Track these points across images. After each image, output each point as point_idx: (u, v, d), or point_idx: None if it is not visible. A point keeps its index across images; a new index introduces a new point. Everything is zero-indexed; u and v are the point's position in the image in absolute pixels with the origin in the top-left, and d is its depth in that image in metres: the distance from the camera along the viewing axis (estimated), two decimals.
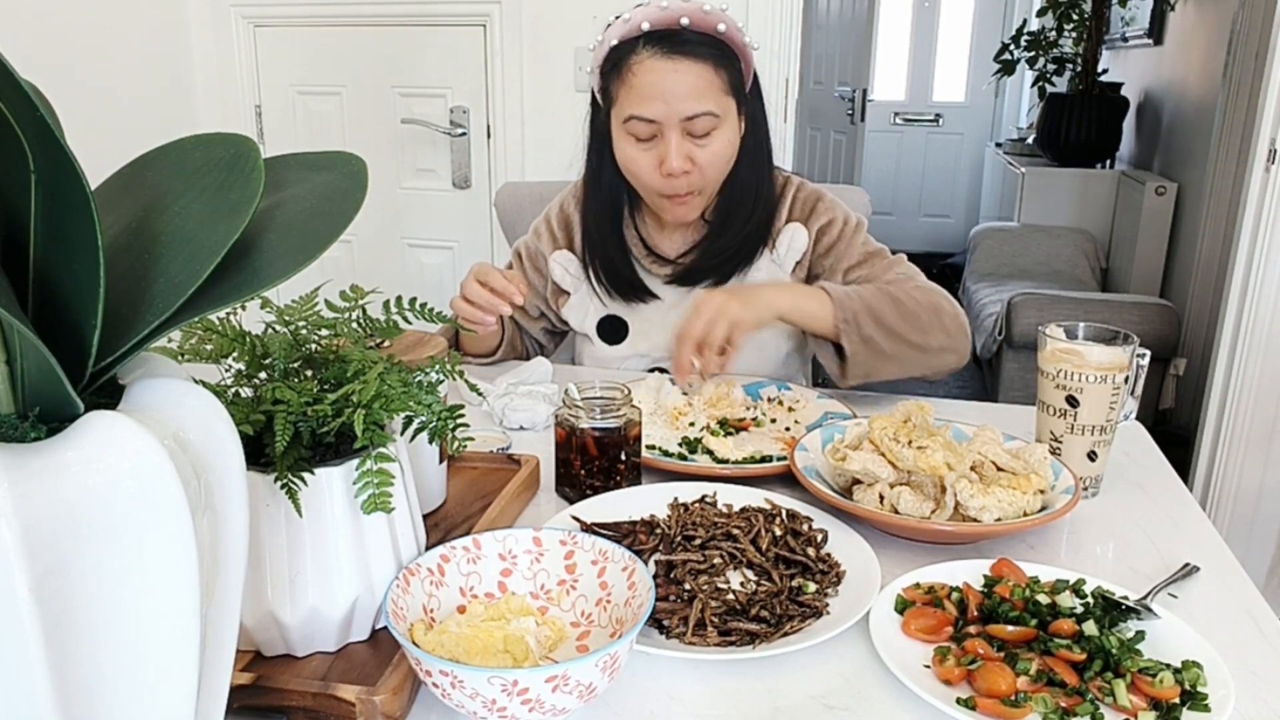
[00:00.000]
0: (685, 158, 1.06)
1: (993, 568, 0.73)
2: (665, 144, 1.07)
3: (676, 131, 1.06)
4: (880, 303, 1.06)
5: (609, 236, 1.19)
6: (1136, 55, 3.94)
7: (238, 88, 2.40)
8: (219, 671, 0.44)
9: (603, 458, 0.84)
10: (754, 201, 1.15)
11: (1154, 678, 0.60)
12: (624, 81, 1.07)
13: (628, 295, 1.20)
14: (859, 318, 1.04)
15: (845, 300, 1.05)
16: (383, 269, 2.48)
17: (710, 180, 1.11)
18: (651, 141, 1.08)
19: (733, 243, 1.16)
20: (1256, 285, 1.91)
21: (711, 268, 1.18)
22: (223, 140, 0.47)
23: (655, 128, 1.06)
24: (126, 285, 0.42)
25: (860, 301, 1.05)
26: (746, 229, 1.16)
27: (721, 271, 1.18)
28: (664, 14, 1.05)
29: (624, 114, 1.07)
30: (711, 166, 1.09)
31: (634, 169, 1.10)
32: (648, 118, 1.05)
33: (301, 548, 0.57)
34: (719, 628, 0.65)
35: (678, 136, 1.06)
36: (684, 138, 1.06)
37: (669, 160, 1.06)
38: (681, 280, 1.19)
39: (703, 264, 1.18)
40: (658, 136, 1.07)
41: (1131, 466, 0.98)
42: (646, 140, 1.08)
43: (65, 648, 0.34)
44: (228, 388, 0.60)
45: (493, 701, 0.52)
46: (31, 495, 0.33)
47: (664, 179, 1.08)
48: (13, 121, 0.35)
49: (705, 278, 1.19)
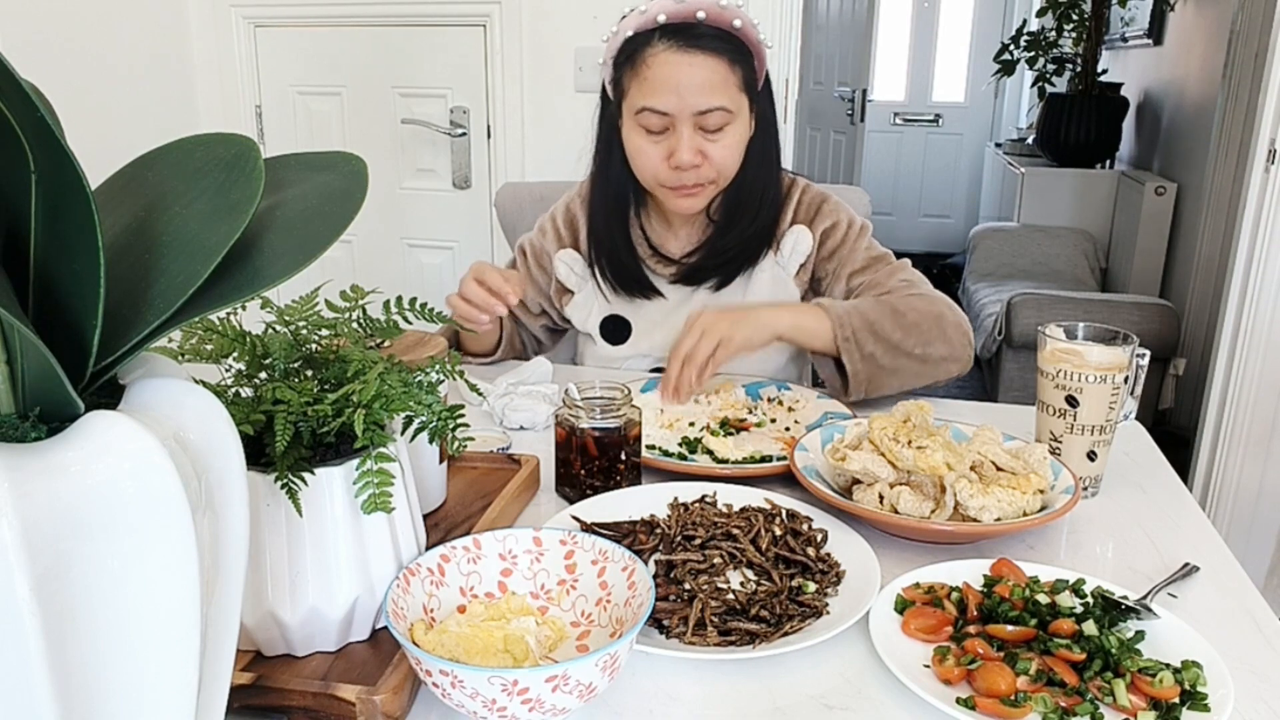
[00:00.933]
0: (695, 151, 1.06)
1: (992, 568, 0.73)
2: (676, 137, 1.06)
3: (688, 125, 1.05)
4: (881, 316, 1.05)
5: (615, 232, 1.18)
6: (1136, 55, 3.94)
7: (238, 88, 2.39)
8: (219, 671, 0.44)
9: (603, 457, 0.84)
10: (760, 202, 1.15)
11: (1154, 677, 0.60)
12: (637, 73, 1.06)
13: (632, 292, 1.20)
14: (859, 335, 1.03)
15: (845, 317, 1.04)
16: (383, 269, 2.48)
17: (721, 174, 1.10)
18: (662, 134, 1.07)
19: (736, 242, 1.16)
20: (1256, 285, 1.91)
21: (715, 267, 1.17)
22: (223, 140, 0.47)
23: (667, 120, 1.05)
24: (127, 285, 0.42)
25: (860, 317, 1.04)
26: (752, 229, 1.15)
27: (725, 271, 1.18)
28: (681, 7, 1.04)
29: (636, 105, 1.06)
30: (723, 161, 1.08)
31: (641, 161, 1.10)
32: (660, 110, 1.05)
33: (302, 548, 0.57)
34: (719, 627, 0.65)
35: (689, 130, 1.05)
36: (695, 132, 1.06)
37: (679, 153, 1.05)
38: (686, 279, 1.19)
39: (707, 263, 1.17)
40: (669, 129, 1.06)
41: (1131, 466, 0.98)
42: (657, 133, 1.07)
43: (65, 648, 0.34)
44: (228, 388, 0.60)
45: (493, 701, 0.52)
46: (32, 495, 0.33)
47: (671, 171, 1.08)
48: (13, 122, 0.35)
49: (709, 277, 1.18)
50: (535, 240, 1.27)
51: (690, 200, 1.12)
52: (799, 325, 1.05)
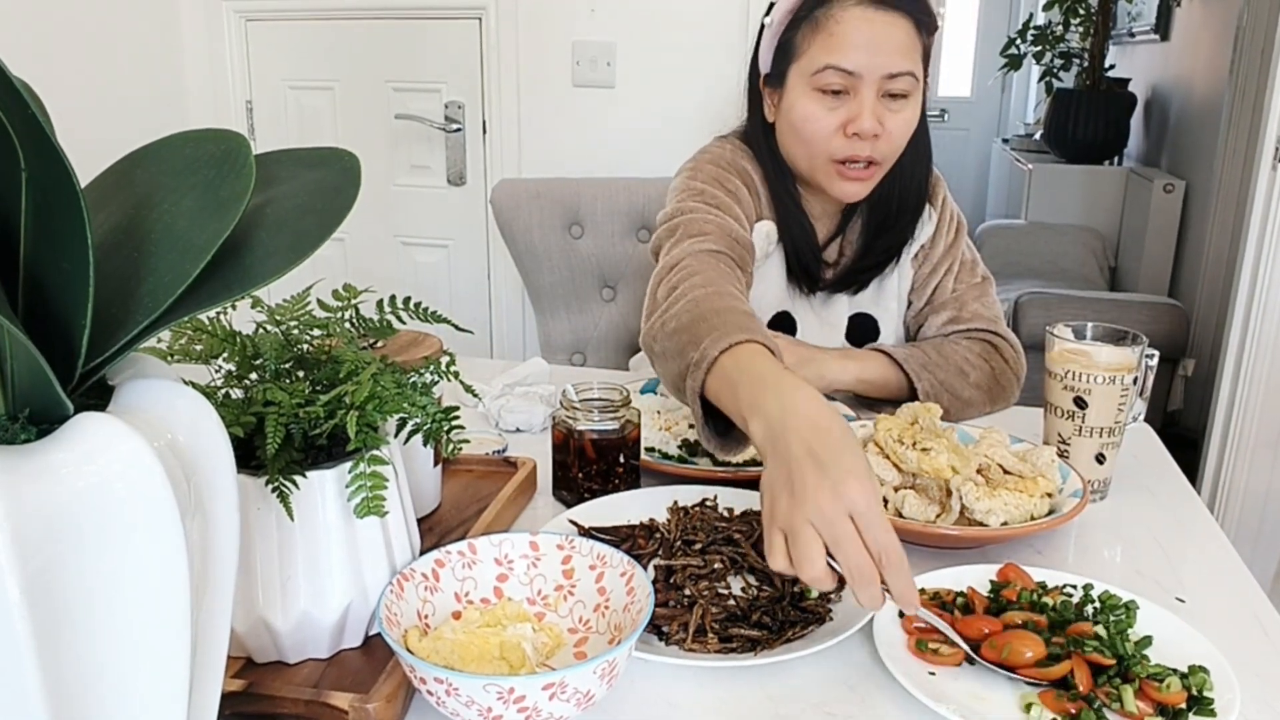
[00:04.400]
0: (877, 119, 0.96)
1: (999, 572, 0.72)
2: (858, 101, 0.96)
3: (873, 89, 0.96)
4: (949, 375, 1.00)
5: (803, 222, 1.06)
6: (1143, 51, 3.92)
7: (229, 83, 2.38)
8: (210, 678, 0.43)
9: (601, 460, 0.83)
10: (919, 194, 1.07)
11: (1161, 683, 0.59)
12: (822, 29, 0.96)
13: (807, 285, 1.08)
14: (935, 391, 0.99)
15: (920, 371, 0.99)
16: (376, 267, 2.47)
17: (893, 153, 1.00)
18: (839, 98, 0.97)
19: (896, 242, 1.07)
20: (1264, 285, 1.90)
21: (869, 268, 1.07)
22: (213, 136, 0.46)
23: (851, 81, 0.95)
24: (116, 284, 0.42)
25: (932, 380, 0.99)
26: (909, 229, 1.07)
27: (879, 271, 1.08)
28: None
29: (816, 64, 0.96)
30: (900, 137, 0.99)
31: (812, 129, 0.98)
32: (847, 69, 0.95)
33: (293, 552, 0.57)
34: (719, 634, 0.65)
35: (873, 95, 0.96)
36: (879, 99, 0.96)
37: (861, 119, 0.95)
38: (842, 283, 1.08)
39: (863, 264, 1.07)
40: (848, 93, 0.96)
41: (1140, 469, 0.97)
42: (834, 95, 0.97)
43: (57, 651, 0.34)
44: (218, 389, 0.59)
45: (489, 709, 0.51)
46: (22, 497, 0.33)
47: (847, 140, 0.97)
48: (3, 119, 0.35)
49: (864, 279, 1.08)
50: (726, 184, 1.05)
51: (857, 185, 1.00)
52: (865, 380, 0.99)
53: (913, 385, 0.99)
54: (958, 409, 1.01)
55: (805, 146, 1.00)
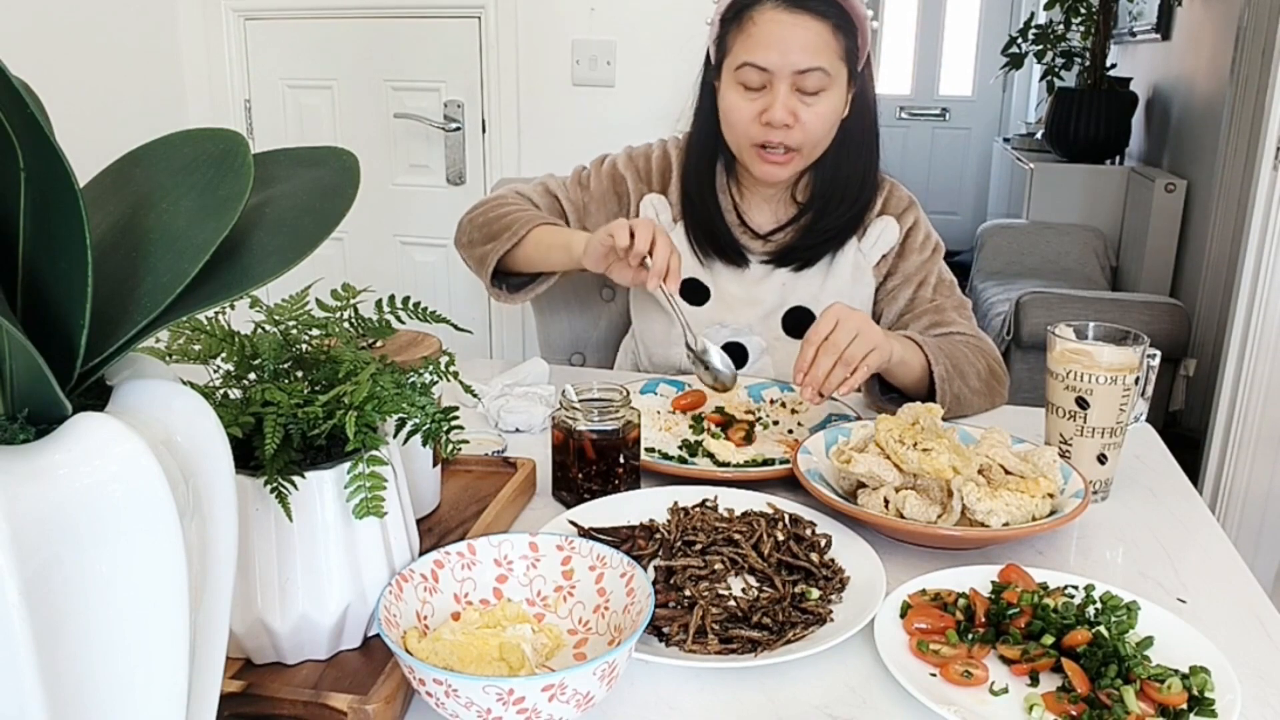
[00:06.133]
0: (789, 111, 1.06)
1: (1001, 573, 0.72)
2: (772, 94, 1.07)
3: (786, 84, 1.06)
4: (965, 365, 1.06)
5: (706, 196, 1.18)
6: (1145, 50, 3.91)
7: (227, 82, 2.37)
8: (209, 678, 0.43)
9: (601, 461, 0.83)
10: (860, 186, 1.16)
11: (1162, 684, 0.59)
12: (743, 30, 1.08)
13: (721, 256, 1.19)
14: (951, 380, 1.04)
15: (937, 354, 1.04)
16: (375, 267, 2.46)
17: (809, 142, 1.10)
18: (759, 92, 1.08)
19: (835, 224, 1.16)
20: (1266, 285, 1.90)
21: (806, 248, 1.17)
22: (211, 136, 0.46)
23: (766, 77, 1.06)
24: (114, 284, 0.42)
25: (947, 365, 1.04)
26: (849, 214, 1.16)
27: (815, 253, 1.17)
28: None
29: (738, 61, 1.08)
30: (813, 127, 1.08)
31: (734, 117, 1.10)
32: (761, 65, 1.06)
33: (291, 553, 0.56)
34: (720, 635, 0.64)
35: (786, 89, 1.06)
36: (792, 93, 1.07)
37: (773, 109, 1.06)
38: (776, 257, 1.18)
39: (799, 242, 1.17)
40: (766, 88, 1.07)
41: (1142, 470, 0.97)
42: (755, 90, 1.08)
43: (55, 652, 0.34)
44: (216, 389, 0.59)
45: (488, 711, 0.51)
46: (21, 498, 0.33)
47: (762, 128, 1.08)
48: (2, 119, 0.35)
49: (797, 258, 1.18)
50: (620, 167, 1.25)
51: (776, 169, 1.11)
52: (903, 359, 1.03)
53: (931, 369, 1.04)
54: (966, 398, 1.06)
55: (731, 131, 1.13)
